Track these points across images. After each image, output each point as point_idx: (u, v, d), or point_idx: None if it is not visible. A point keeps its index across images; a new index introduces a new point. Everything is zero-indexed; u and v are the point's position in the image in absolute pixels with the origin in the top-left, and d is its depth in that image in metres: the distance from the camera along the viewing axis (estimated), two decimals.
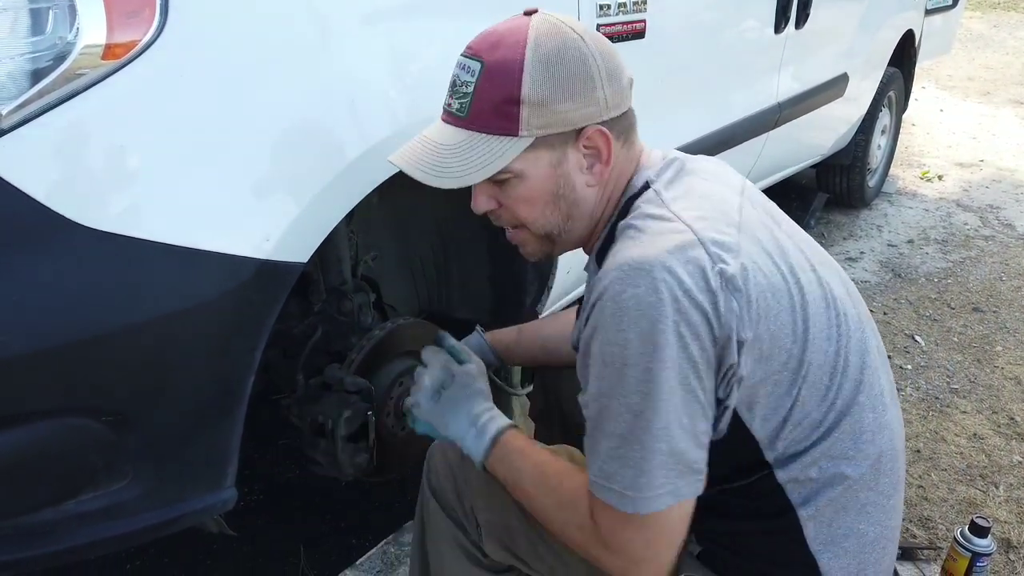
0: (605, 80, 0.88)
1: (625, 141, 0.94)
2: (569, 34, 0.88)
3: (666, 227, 0.86)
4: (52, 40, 0.92)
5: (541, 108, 0.87)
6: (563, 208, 0.94)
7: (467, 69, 0.89)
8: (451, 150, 0.90)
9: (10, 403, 0.93)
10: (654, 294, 0.80)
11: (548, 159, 0.90)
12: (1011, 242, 3.44)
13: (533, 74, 0.86)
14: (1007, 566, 1.67)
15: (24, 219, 0.90)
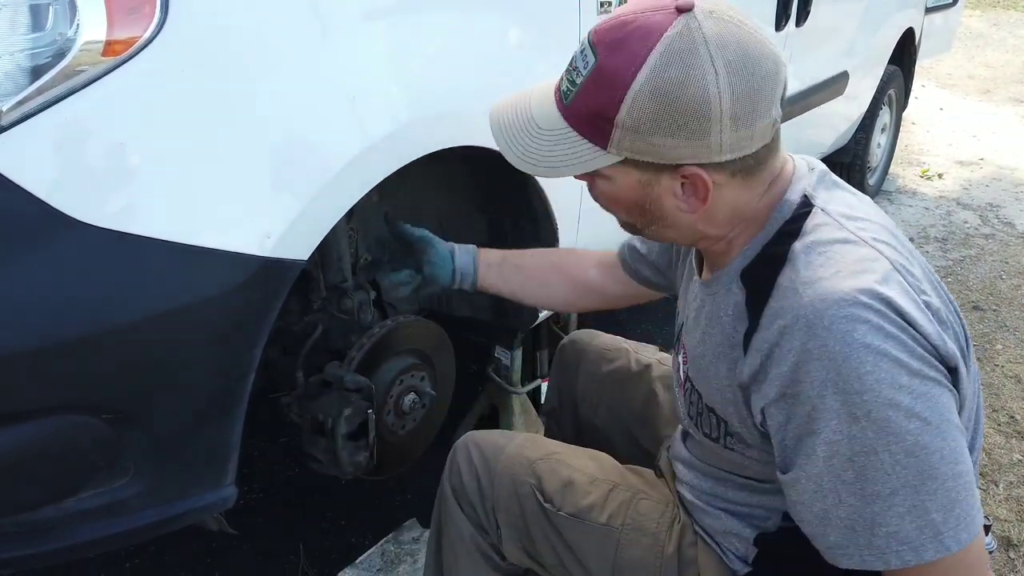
0: (727, 125, 0.75)
1: (746, 178, 0.82)
2: (702, 65, 0.73)
3: (859, 252, 0.77)
4: (52, 36, 0.92)
5: (636, 136, 0.77)
6: (647, 217, 0.87)
7: (584, 57, 0.79)
8: (542, 135, 0.83)
9: (10, 400, 0.93)
10: (882, 327, 0.72)
11: (637, 177, 0.82)
12: (1011, 240, 3.44)
13: (638, 101, 0.75)
14: (1007, 564, 1.67)
15: (24, 216, 0.90)
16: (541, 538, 1.08)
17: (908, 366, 0.71)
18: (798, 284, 0.77)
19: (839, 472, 0.74)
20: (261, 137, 1.04)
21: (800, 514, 0.79)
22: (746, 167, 0.81)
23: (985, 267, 3.16)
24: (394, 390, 1.43)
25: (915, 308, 0.74)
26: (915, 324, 0.73)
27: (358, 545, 1.65)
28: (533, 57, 1.47)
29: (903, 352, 0.72)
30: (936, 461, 0.71)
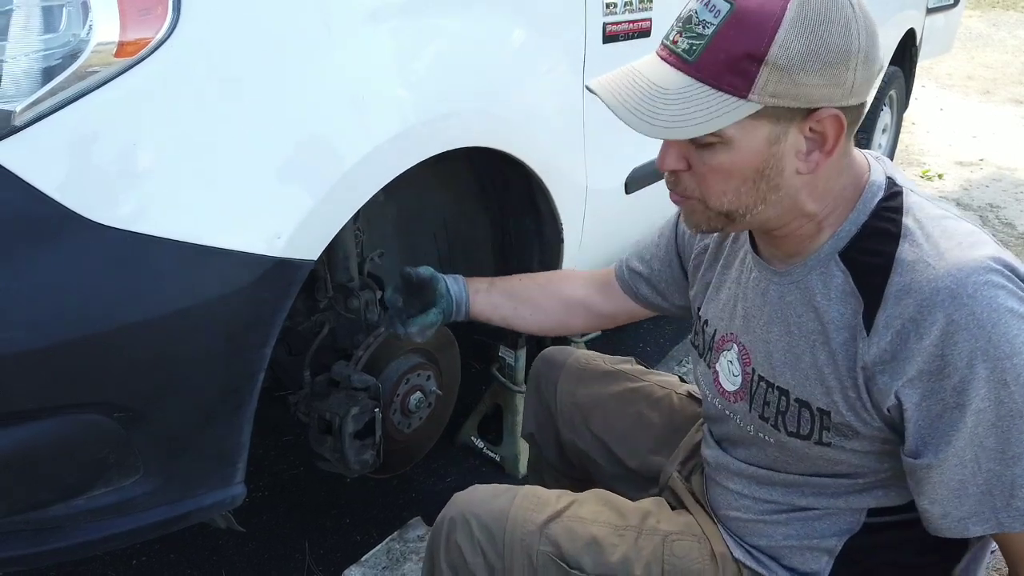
0: (861, 62, 0.76)
1: (853, 132, 0.82)
2: (843, 2, 0.75)
3: (966, 226, 0.80)
4: (65, 38, 0.93)
5: (783, 74, 0.74)
6: (761, 190, 0.82)
7: (711, 7, 0.76)
8: (666, 96, 0.78)
9: (22, 399, 0.94)
10: (1017, 292, 0.74)
11: (767, 132, 0.78)
12: (1011, 241, 3.45)
13: (789, 33, 0.73)
14: None
15: (37, 215, 0.91)
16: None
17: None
18: (927, 257, 0.77)
19: (982, 440, 0.75)
20: (271, 138, 1.05)
21: (932, 492, 0.79)
22: (858, 117, 0.81)
23: None
24: (400, 389, 1.44)
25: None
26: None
27: (363, 543, 1.66)
28: (539, 58, 1.48)
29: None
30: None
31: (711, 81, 0.76)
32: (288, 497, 1.83)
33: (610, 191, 1.74)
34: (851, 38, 0.75)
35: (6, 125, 0.90)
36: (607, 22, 1.56)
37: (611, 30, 1.57)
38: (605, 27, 1.56)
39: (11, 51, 0.91)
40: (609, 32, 1.57)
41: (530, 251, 1.67)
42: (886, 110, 3.66)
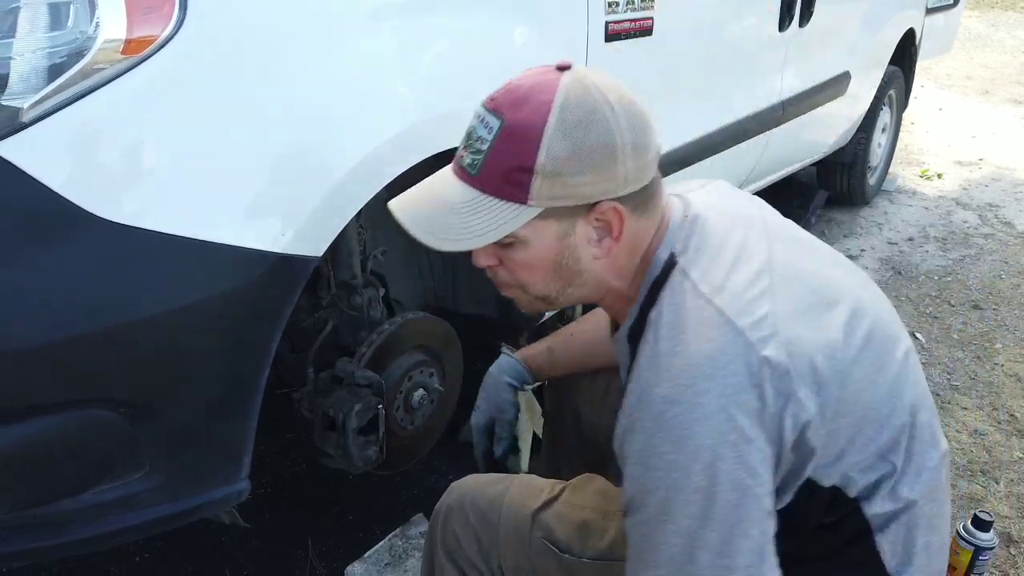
0: (629, 155, 0.81)
1: (643, 212, 0.87)
2: (600, 103, 0.81)
3: (700, 320, 0.81)
4: (72, 35, 0.93)
5: (555, 180, 0.81)
6: (564, 276, 0.90)
7: (486, 124, 0.83)
8: (455, 209, 0.84)
9: (30, 394, 0.95)
10: (699, 408, 0.76)
11: (555, 230, 0.85)
12: (1010, 240, 3.46)
13: (553, 143, 0.79)
14: (1008, 560, 1.68)
15: (44, 212, 0.92)
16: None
17: (711, 448, 0.77)
18: (647, 358, 0.82)
19: (634, 542, 0.84)
20: (276, 135, 1.05)
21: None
22: (643, 200, 0.86)
23: (985, 266, 3.18)
24: (403, 386, 1.44)
25: (738, 376, 0.77)
26: (735, 396, 0.77)
27: (366, 540, 1.66)
28: (542, 57, 1.48)
29: (708, 433, 0.77)
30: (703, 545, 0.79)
31: (494, 192, 0.82)
32: (290, 494, 1.84)
33: None
34: (613, 136, 0.80)
35: (14, 122, 0.90)
36: (609, 21, 1.57)
37: (613, 29, 1.58)
38: (607, 26, 1.57)
39: (18, 48, 0.92)
40: (611, 31, 1.57)
41: None
42: (885, 109, 3.67)
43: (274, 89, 1.06)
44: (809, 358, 0.80)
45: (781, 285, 0.84)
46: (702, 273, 0.85)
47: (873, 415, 0.86)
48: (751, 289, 0.83)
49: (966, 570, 1.49)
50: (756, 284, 0.84)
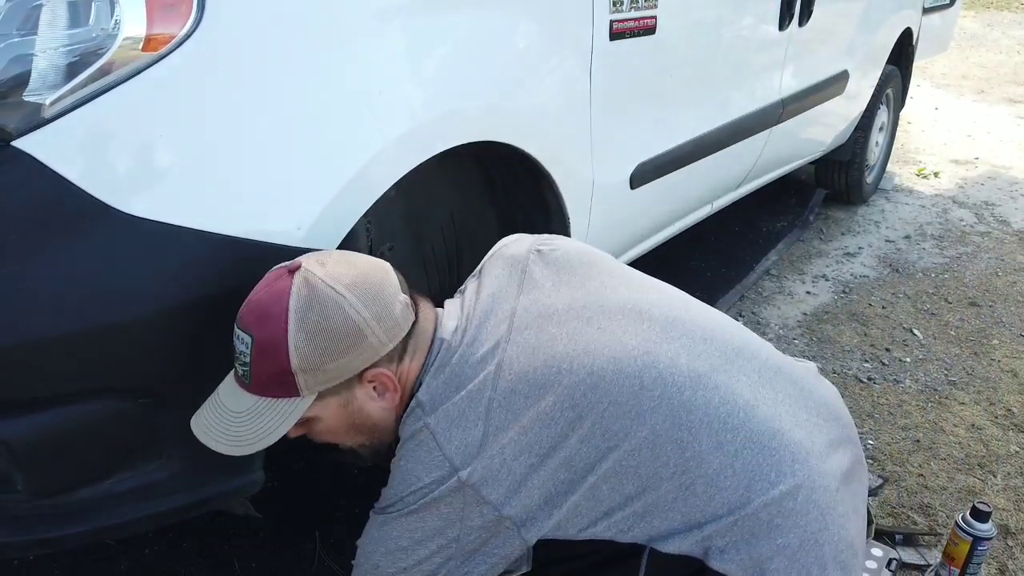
0: (374, 326, 0.93)
1: (412, 354, 0.99)
2: (328, 295, 0.92)
3: (419, 446, 0.94)
4: (94, 32, 0.95)
5: (316, 372, 0.92)
6: (364, 431, 1.02)
7: (242, 340, 0.93)
8: (241, 418, 0.95)
9: (51, 384, 0.96)
10: (404, 540, 0.97)
11: (336, 402, 0.97)
12: (1006, 238, 3.49)
13: (298, 347, 0.90)
14: (1005, 551, 1.71)
15: (67, 205, 0.93)
16: None
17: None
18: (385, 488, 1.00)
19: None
20: (291, 131, 1.07)
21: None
22: (407, 347, 0.99)
23: (981, 264, 3.21)
24: None
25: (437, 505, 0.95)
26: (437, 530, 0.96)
27: None
28: (548, 55, 1.50)
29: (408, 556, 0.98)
30: None
31: (269, 395, 0.94)
32: (298, 489, 1.85)
33: (616, 185, 1.77)
34: (350, 318, 0.92)
35: (36, 117, 0.92)
36: (614, 19, 1.59)
37: (618, 27, 1.60)
38: (612, 24, 1.59)
39: (40, 45, 0.94)
40: (616, 29, 1.59)
41: None
42: (883, 108, 3.70)
43: (289, 86, 1.07)
44: (521, 465, 0.92)
45: (499, 402, 0.94)
46: (432, 403, 0.96)
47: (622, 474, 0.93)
48: (467, 415, 0.94)
49: (965, 560, 1.51)
50: (473, 409, 0.94)
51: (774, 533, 0.91)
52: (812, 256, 3.25)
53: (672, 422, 0.92)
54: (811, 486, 0.94)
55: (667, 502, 0.92)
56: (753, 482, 0.92)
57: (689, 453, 0.92)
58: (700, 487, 0.92)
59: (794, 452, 0.95)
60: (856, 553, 0.97)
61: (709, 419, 0.93)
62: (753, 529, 0.91)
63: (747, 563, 0.91)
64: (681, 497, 0.92)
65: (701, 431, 0.93)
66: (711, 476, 0.92)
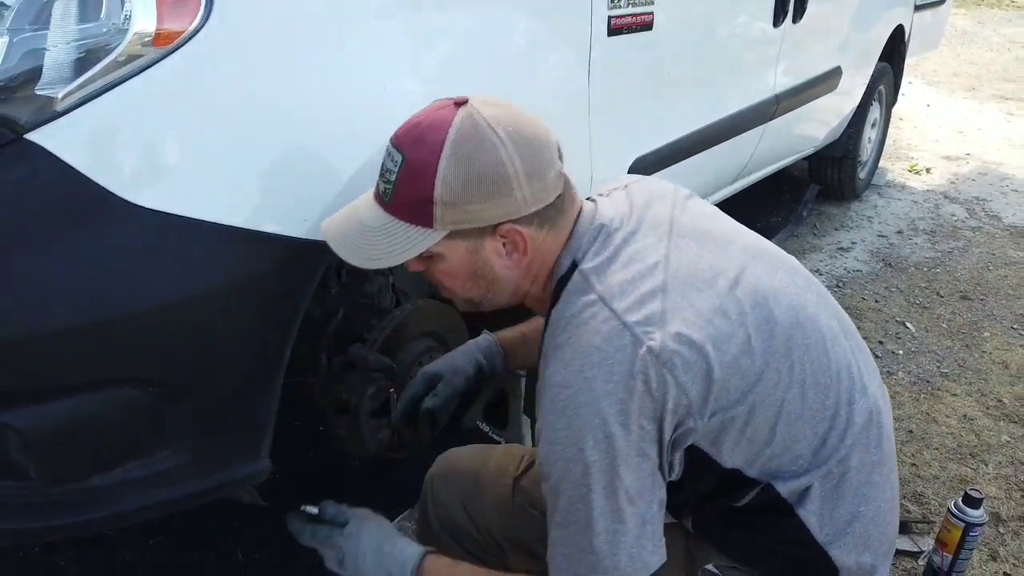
0: (523, 181, 0.90)
1: (550, 227, 0.95)
2: (489, 137, 0.88)
3: (592, 313, 0.89)
4: (105, 27, 0.97)
5: (455, 208, 0.89)
6: (482, 284, 0.98)
7: (392, 158, 0.92)
8: (373, 233, 0.94)
9: (65, 373, 0.98)
10: (587, 392, 0.85)
11: (464, 246, 0.94)
12: (997, 233, 3.53)
13: (446, 177, 0.88)
14: (996, 538, 1.74)
15: (80, 197, 0.95)
16: (536, 542, 1.07)
17: (599, 428, 0.86)
18: (549, 351, 0.91)
19: (548, 504, 0.93)
20: (298, 125, 1.09)
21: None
22: (549, 217, 0.94)
23: (973, 258, 3.25)
24: (414, 371, 1.48)
25: (623, 365, 0.85)
26: (620, 383, 0.85)
27: None
28: (547, 51, 1.53)
29: (597, 415, 0.86)
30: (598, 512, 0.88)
31: (404, 218, 0.92)
32: (298, 481, 1.87)
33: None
34: (504, 166, 0.88)
35: (48, 111, 0.94)
36: (612, 15, 1.61)
37: (616, 23, 1.62)
38: (610, 20, 1.61)
39: (52, 40, 0.96)
40: (614, 25, 1.62)
41: None
42: (875, 105, 3.73)
43: (294, 81, 1.09)
44: (697, 349, 0.87)
45: (673, 284, 0.91)
46: (599, 276, 0.93)
47: (774, 401, 0.92)
48: (642, 288, 0.90)
49: (957, 546, 1.54)
50: (647, 283, 0.91)
51: (858, 500, 0.96)
52: (806, 251, 3.28)
53: (817, 366, 0.95)
54: (891, 465, 1.01)
55: (796, 444, 0.95)
56: (857, 444, 0.96)
57: (829, 402, 0.95)
58: (832, 438, 0.95)
59: (885, 425, 1.01)
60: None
61: (840, 376, 0.97)
62: (843, 490, 0.96)
63: (826, 519, 0.95)
64: (807, 442, 0.95)
65: (840, 385, 0.97)
66: (836, 430, 0.95)
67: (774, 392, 0.92)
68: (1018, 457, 2.02)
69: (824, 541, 0.96)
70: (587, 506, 0.87)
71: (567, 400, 0.86)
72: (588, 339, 0.87)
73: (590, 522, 0.87)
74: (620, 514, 0.87)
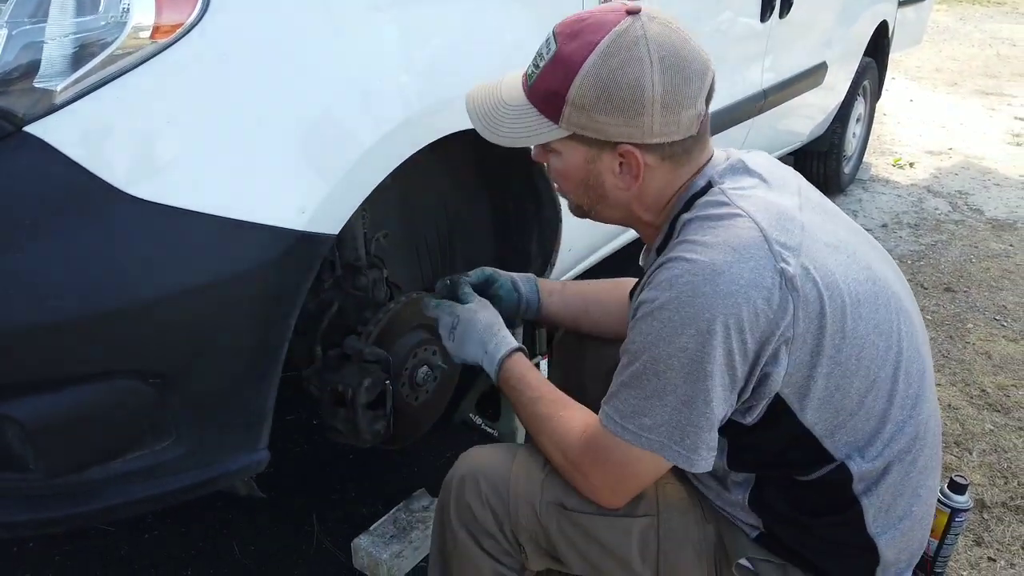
0: (658, 109, 0.89)
1: (673, 164, 0.95)
2: (641, 55, 0.87)
3: (733, 219, 0.89)
4: (103, 20, 0.97)
5: (582, 112, 0.90)
6: (591, 196, 1.00)
7: (548, 45, 0.93)
8: (506, 111, 0.97)
9: (64, 365, 0.99)
10: (711, 285, 0.85)
11: (583, 153, 0.95)
12: (980, 226, 3.58)
13: (585, 81, 0.88)
14: (981, 524, 1.78)
15: (79, 189, 0.95)
16: (572, 551, 1.06)
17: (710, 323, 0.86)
18: (679, 244, 0.91)
19: (625, 363, 0.95)
20: (295, 118, 1.10)
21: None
22: (674, 153, 0.94)
23: (956, 251, 3.30)
24: (409, 363, 1.49)
25: (755, 272, 0.86)
26: (745, 289, 0.86)
27: (369, 515, 1.71)
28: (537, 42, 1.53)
29: (711, 309, 0.86)
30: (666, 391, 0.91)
31: (538, 105, 0.94)
32: (294, 474, 1.88)
33: None
34: (643, 89, 0.88)
35: (47, 104, 0.94)
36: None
37: None
38: None
39: (51, 32, 0.96)
40: None
41: (529, 232, 1.74)
42: (860, 100, 3.77)
43: (293, 74, 1.10)
44: (820, 291, 0.88)
45: (809, 230, 0.92)
46: (740, 194, 0.93)
47: (869, 373, 0.93)
48: (784, 217, 0.91)
49: (943, 531, 1.57)
50: (789, 215, 0.91)
51: (913, 500, 0.98)
52: None
53: (911, 356, 0.97)
54: (938, 477, 1.04)
55: (882, 427, 0.95)
56: (926, 444, 0.98)
57: (911, 391, 0.97)
58: (908, 428, 0.96)
59: (938, 435, 1.04)
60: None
61: (924, 374, 0.99)
62: (905, 487, 0.97)
63: (882, 512, 0.97)
64: (890, 428, 0.96)
65: (923, 382, 0.99)
66: (912, 423, 0.97)
67: (871, 366, 0.93)
68: (1001, 445, 2.05)
69: (874, 532, 0.97)
70: (663, 384, 0.89)
71: (687, 284, 0.86)
72: (727, 238, 0.88)
73: (663, 396, 0.89)
74: (691, 405, 0.88)
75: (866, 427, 0.95)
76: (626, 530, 1.04)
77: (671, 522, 1.04)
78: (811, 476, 0.97)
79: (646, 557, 1.04)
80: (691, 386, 0.88)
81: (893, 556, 0.99)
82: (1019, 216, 3.70)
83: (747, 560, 1.02)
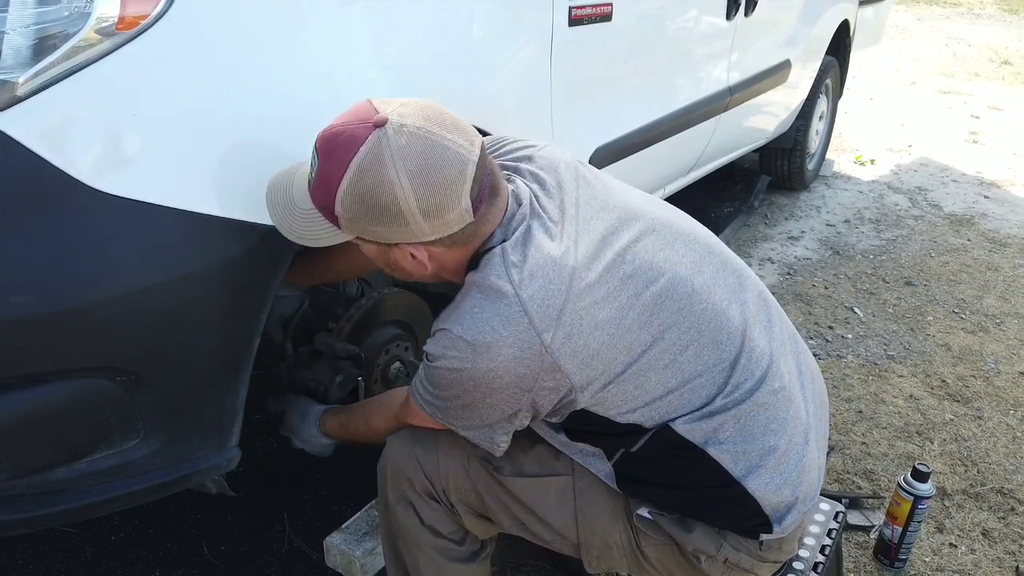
0: (420, 217, 0.93)
1: (462, 244, 0.99)
2: (388, 174, 0.90)
3: (501, 297, 0.95)
4: (66, 11, 0.95)
5: (355, 224, 0.95)
6: (401, 274, 1.06)
7: (314, 158, 0.96)
8: (301, 214, 0.99)
9: (28, 363, 0.96)
10: (474, 364, 0.94)
11: (374, 249, 1.01)
12: (938, 221, 3.67)
13: (346, 200, 0.93)
14: (943, 511, 1.82)
15: (41, 183, 0.93)
16: (500, 508, 1.14)
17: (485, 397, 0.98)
18: (453, 312, 0.98)
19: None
20: (262, 112, 1.08)
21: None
22: (455, 241, 0.98)
23: (915, 246, 3.37)
24: (381, 359, 1.49)
25: (517, 348, 0.94)
26: (510, 369, 0.95)
27: (341, 513, 1.70)
28: (510, 39, 1.54)
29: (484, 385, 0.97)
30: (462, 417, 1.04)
31: (322, 212, 0.97)
32: (264, 473, 1.86)
33: None
34: (398, 204, 0.92)
35: (10, 96, 0.92)
36: (572, 6, 1.63)
37: (576, 14, 1.64)
38: (571, 11, 1.63)
39: (12, 23, 0.94)
40: (575, 16, 1.64)
41: None
42: (822, 98, 3.83)
43: (257, 67, 1.09)
44: (584, 340, 0.96)
45: (580, 273, 0.98)
46: (515, 261, 0.97)
47: (664, 364, 1.00)
48: (553, 280, 0.96)
49: (906, 518, 1.61)
50: (560, 272, 0.97)
51: (768, 435, 1.03)
52: (758, 240, 3.36)
53: (715, 326, 1.03)
54: (801, 406, 1.09)
55: (697, 392, 1.02)
56: (763, 385, 1.04)
57: (724, 355, 1.03)
58: (729, 387, 1.03)
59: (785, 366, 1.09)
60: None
61: (734, 328, 1.05)
62: (752, 427, 1.03)
63: (740, 454, 1.02)
64: (707, 390, 1.02)
65: (734, 338, 1.04)
66: (737, 375, 1.03)
67: (662, 357, 1.00)
68: (961, 434, 2.11)
69: (740, 475, 1.02)
70: (457, 415, 1.02)
71: (453, 371, 0.96)
72: (492, 320, 0.94)
73: (459, 416, 1.02)
74: (484, 427, 1.03)
75: (683, 398, 1.02)
76: (545, 489, 1.12)
77: (584, 479, 1.11)
78: (636, 447, 1.04)
79: (564, 514, 1.11)
80: (480, 431, 1.03)
81: (772, 493, 1.03)
82: (976, 211, 3.79)
83: (647, 512, 1.08)
